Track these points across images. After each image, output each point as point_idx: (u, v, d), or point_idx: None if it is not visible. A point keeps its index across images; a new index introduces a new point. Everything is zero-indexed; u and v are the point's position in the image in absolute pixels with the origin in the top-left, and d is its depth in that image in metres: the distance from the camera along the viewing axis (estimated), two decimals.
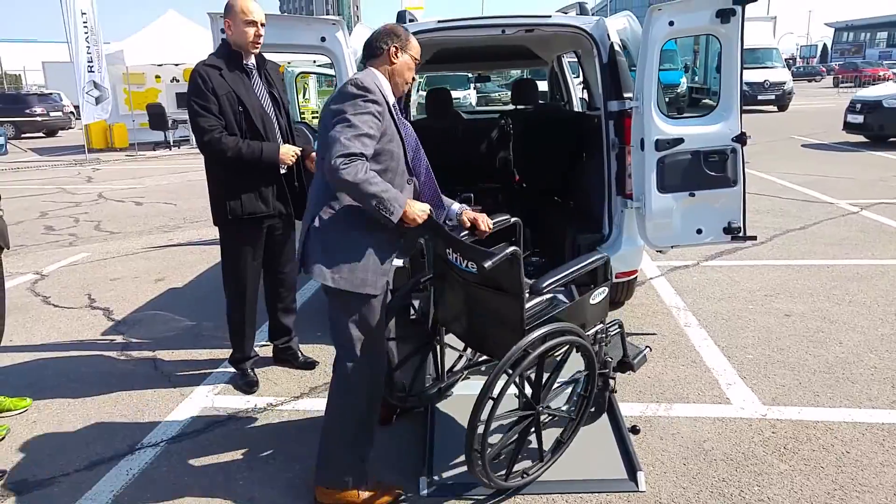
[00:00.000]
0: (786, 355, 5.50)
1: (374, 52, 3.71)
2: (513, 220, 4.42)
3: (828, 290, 6.96)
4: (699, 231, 5.60)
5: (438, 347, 4.72)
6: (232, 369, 5.39)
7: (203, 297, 7.55)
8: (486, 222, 4.09)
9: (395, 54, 3.68)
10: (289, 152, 4.87)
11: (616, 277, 5.95)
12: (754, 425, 4.46)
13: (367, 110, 3.42)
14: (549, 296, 4.08)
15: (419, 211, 3.56)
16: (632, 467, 3.83)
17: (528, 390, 3.72)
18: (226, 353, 5.54)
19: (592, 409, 4.16)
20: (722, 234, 5.62)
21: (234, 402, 5.07)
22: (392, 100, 3.69)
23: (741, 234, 5.61)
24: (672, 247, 5.78)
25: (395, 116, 3.64)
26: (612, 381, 4.25)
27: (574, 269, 3.80)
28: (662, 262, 8.03)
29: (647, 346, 4.54)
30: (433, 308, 4.68)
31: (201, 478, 4.10)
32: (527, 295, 3.61)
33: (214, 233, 5.11)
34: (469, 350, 4.99)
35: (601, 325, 4.11)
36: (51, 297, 7.81)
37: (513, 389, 3.51)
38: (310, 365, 5.58)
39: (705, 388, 5.02)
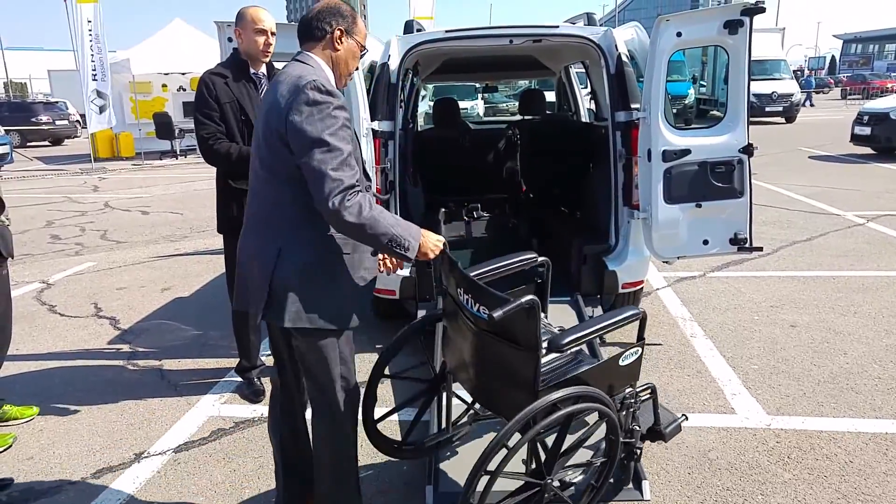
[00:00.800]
0: (790, 366, 5.50)
1: (312, 33, 3.12)
2: (540, 259, 4.01)
3: (833, 302, 6.95)
4: (706, 242, 5.59)
5: (445, 394, 4.08)
6: (238, 378, 5.39)
7: (209, 306, 7.56)
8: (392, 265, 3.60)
9: (340, 38, 3.12)
10: None
11: (622, 288, 5.95)
12: (759, 435, 4.46)
13: (339, 122, 2.90)
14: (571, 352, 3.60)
15: (433, 243, 3.18)
16: (637, 476, 3.83)
17: (541, 455, 3.27)
18: (232, 362, 5.56)
19: (612, 481, 3.66)
20: (728, 245, 5.61)
21: (241, 410, 5.07)
22: None
23: (747, 246, 5.60)
24: (678, 258, 5.77)
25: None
26: (638, 451, 3.70)
27: (604, 325, 3.33)
28: (669, 273, 8.03)
29: (683, 415, 3.92)
30: (441, 349, 4.36)
31: (207, 486, 4.11)
32: (543, 351, 3.12)
33: (220, 242, 5.13)
34: (478, 404, 4.19)
35: (631, 388, 3.59)
36: (57, 305, 7.82)
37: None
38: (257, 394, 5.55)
39: (710, 397, 5.02)
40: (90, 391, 5.48)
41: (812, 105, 42.83)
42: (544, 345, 3.12)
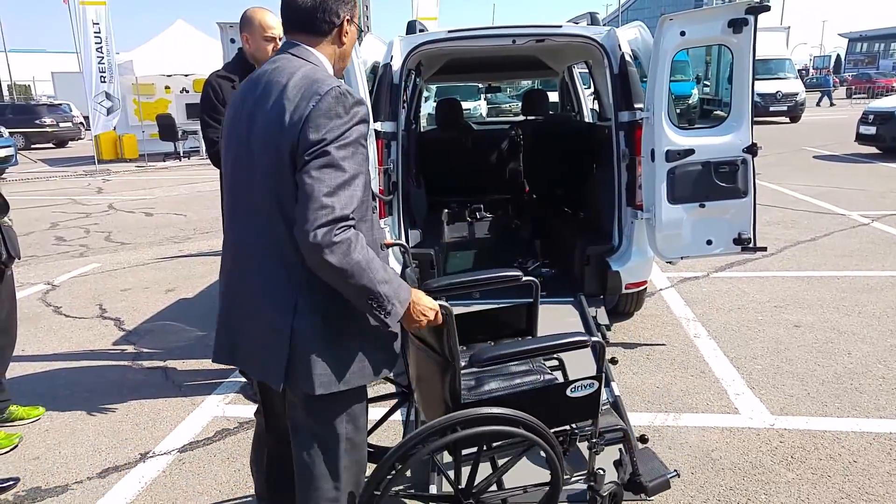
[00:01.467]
0: (794, 366, 5.49)
1: (317, 27, 2.57)
2: (525, 277, 3.65)
3: (837, 302, 6.95)
4: (709, 242, 5.59)
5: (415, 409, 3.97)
6: (242, 379, 5.40)
7: (213, 307, 7.51)
8: None
9: (348, 29, 2.63)
10: None
11: (626, 288, 5.96)
12: (762, 435, 4.47)
13: (356, 137, 2.41)
14: (524, 368, 3.37)
15: (423, 309, 2.63)
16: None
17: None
18: None
19: None
20: (732, 245, 5.61)
21: (245, 411, 5.08)
22: None
23: (751, 246, 5.60)
24: (682, 258, 5.76)
25: None
26: (603, 498, 3.27)
27: (539, 347, 3.02)
28: (672, 273, 8.03)
29: (675, 472, 3.59)
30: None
31: (212, 486, 4.12)
32: (462, 364, 2.84)
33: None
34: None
35: (591, 426, 3.14)
36: (62, 307, 7.84)
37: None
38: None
39: (714, 398, 5.02)
40: (95, 392, 5.50)
41: (832, 104, 42.07)
42: (465, 360, 2.92)
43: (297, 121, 2.35)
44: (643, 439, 4.23)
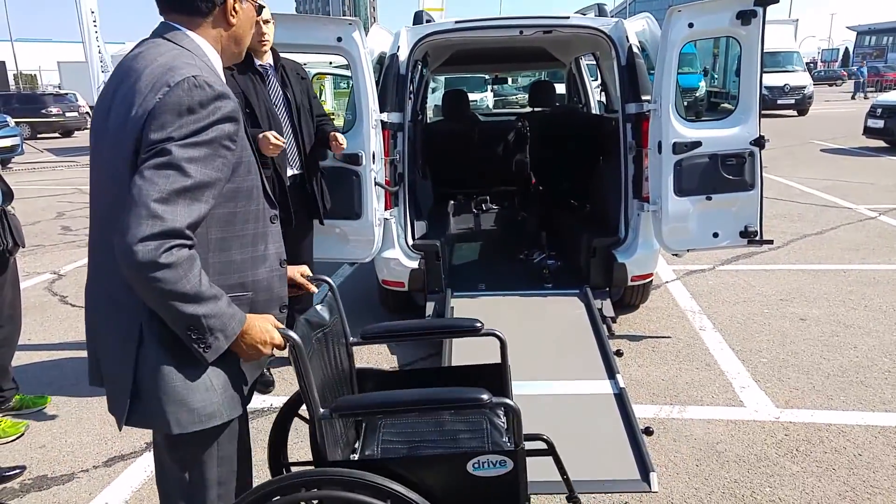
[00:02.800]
0: (800, 359, 5.49)
1: (192, 5, 2.20)
2: (487, 330, 3.00)
3: (843, 295, 6.93)
4: (715, 235, 5.59)
5: None
6: None
7: None
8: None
9: (234, 8, 2.24)
10: (266, 141, 4.44)
11: (632, 280, 5.96)
12: (767, 428, 4.46)
13: (214, 137, 2.01)
14: (468, 427, 2.94)
15: (262, 340, 2.20)
16: (644, 468, 3.82)
17: None
18: None
19: None
20: (738, 237, 5.61)
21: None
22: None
23: (758, 238, 5.59)
24: (688, 250, 5.75)
25: (245, 124, 2.26)
26: None
27: (413, 401, 2.52)
28: (678, 266, 8.02)
29: None
30: None
31: None
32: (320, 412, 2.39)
33: None
34: None
35: None
36: (68, 296, 7.86)
37: None
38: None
39: (719, 390, 5.02)
40: None
41: (866, 97, 40.76)
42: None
43: (140, 115, 1.98)
44: (648, 431, 4.24)
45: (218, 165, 2.03)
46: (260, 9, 2.40)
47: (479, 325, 2.93)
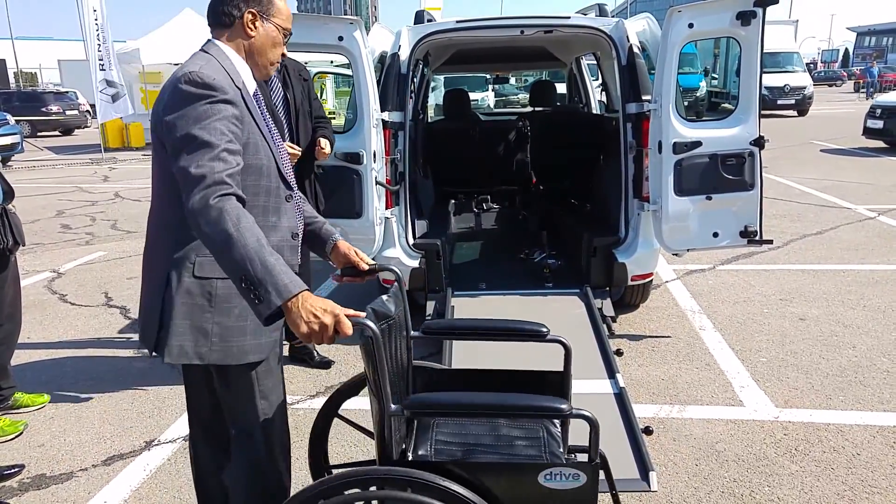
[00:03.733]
0: (799, 359, 5.49)
1: (219, 19, 2.65)
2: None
3: (843, 295, 6.94)
4: (715, 234, 5.59)
5: None
6: None
7: None
8: (364, 260, 2.99)
9: (253, 24, 2.62)
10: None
11: (632, 280, 5.96)
12: (766, 427, 4.47)
13: (217, 115, 2.38)
14: (526, 434, 2.86)
15: (323, 311, 2.17)
16: (644, 467, 3.83)
17: None
18: None
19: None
20: (738, 237, 5.61)
21: None
22: (252, 87, 2.69)
23: (757, 238, 5.60)
24: (688, 250, 5.76)
25: (255, 114, 2.62)
26: None
27: (493, 405, 2.47)
28: (678, 266, 8.02)
29: None
30: None
31: None
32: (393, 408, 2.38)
33: None
34: None
35: None
36: (67, 295, 7.86)
37: None
38: (325, 364, 5.61)
39: (719, 390, 5.02)
40: (101, 380, 5.51)
41: (871, 97, 41.01)
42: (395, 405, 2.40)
43: (161, 107, 2.45)
44: (648, 431, 4.25)
45: (231, 138, 2.38)
46: (287, 35, 2.73)
47: (544, 329, 2.89)
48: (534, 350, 3.00)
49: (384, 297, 2.72)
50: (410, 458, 2.66)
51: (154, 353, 2.68)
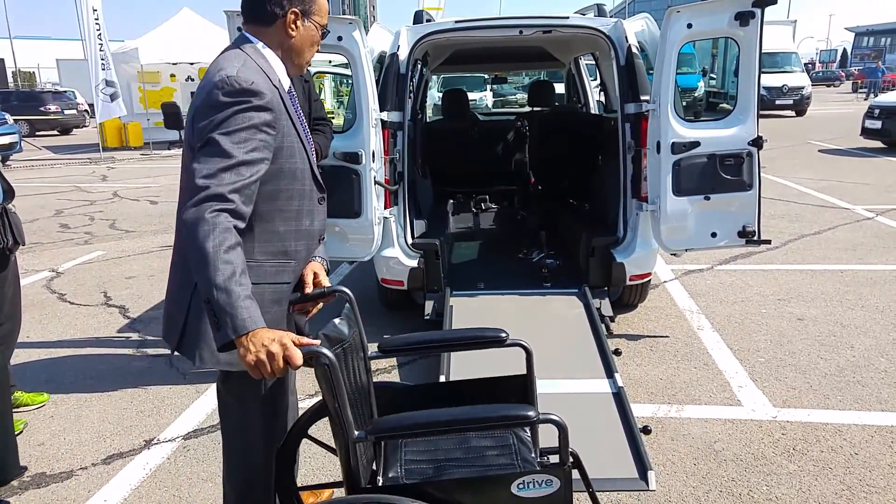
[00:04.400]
0: (797, 359, 5.50)
1: (261, 16, 2.59)
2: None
3: (841, 295, 6.95)
4: (714, 234, 5.60)
5: None
6: None
7: None
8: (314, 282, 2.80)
9: (295, 23, 2.59)
10: None
11: (630, 280, 5.97)
12: (764, 427, 4.48)
13: (247, 122, 2.36)
14: (496, 444, 2.82)
15: (266, 341, 2.14)
16: (643, 466, 3.84)
17: None
18: None
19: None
20: (736, 237, 5.62)
21: None
22: (287, 84, 2.67)
23: (756, 238, 5.60)
24: (686, 250, 5.76)
25: (291, 113, 2.61)
26: None
27: (457, 419, 2.37)
28: (676, 266, 8.03)
29: None
30: None
31: (216, 473, 4.12)
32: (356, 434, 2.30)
33: None
34: None
35: None
36: (66, 294, 7.86)
37: None
38: None
39: (717, 390, 5.03)
40: (100, 379, 5.52)
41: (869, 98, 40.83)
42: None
43: (194, 111, 2.45)
44: (646, 430, 4.26)
45: (257, 146, 2.37)
46: (324, 33, 2.71)
47: (503, 335, 2.82)
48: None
49: (336, 320, 2.60)
50: (381, 483, 2.62)
51: (176, 353, 2.70)
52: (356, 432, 2.28)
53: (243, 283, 2.19)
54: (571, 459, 2.48)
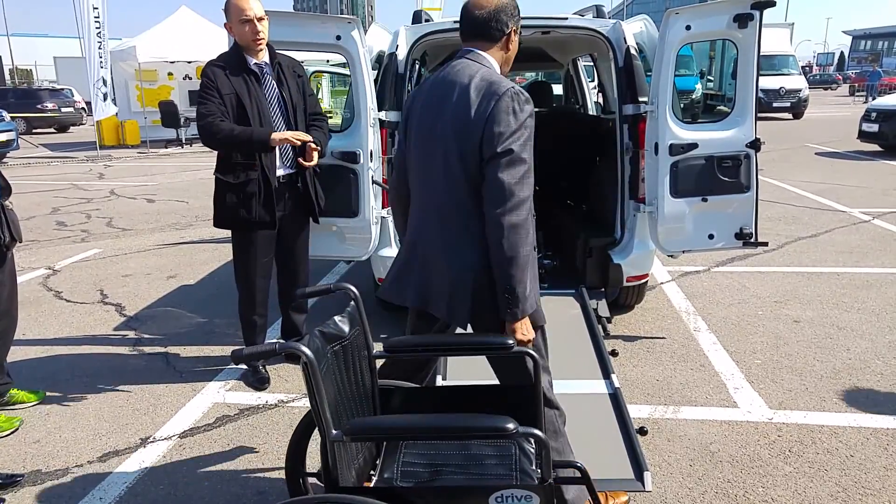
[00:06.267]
0: (793, 361, 5.51)
1: (489, 34, 2.98)
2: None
3: (837, 298, 6.96)
4: (711, 236, 5.60)
5: None
6: (243, 366, 5.41)
7: (215, 294, 7.58)
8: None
9: (512, 37, 3.04)
10: (280, 136, 4.74)
11: (627, 281, 5.97)
12: (760, 428, 4.48)
13: (528, 133, 2.84)
14: (495, 453, 2.82)
15: (530, 330, 2.93)
16: (639, 467, 3.83)
17: None
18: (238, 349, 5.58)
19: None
20: (734, 239, 5.62)
21: (245, 398, 5.10)
22: None
23: (753, 240, 5.61)
24: (683, 251, 5.77)
25: None
26: None
27: (434, 426, 2.37)
28: (673, 267, 8.04)
29: None
30: None
31: (212, 471, 4.14)
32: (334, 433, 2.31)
33: (226, 231, 5.17)
34: None
35: None
36: (63, 292, 7.85)
37: None
38: None
39: (713, 391, 5.03)
40: (96, 376, 5.51)
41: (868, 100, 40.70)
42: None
43: (481, 115, 2.77)
44: (642, 431, 4.25)
45: (531, 150, 2.82)
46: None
47: (510, 342, 2.80)
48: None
49: (337, 317, 2.63)
50: (375, 479, 2.62)
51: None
52: (334, 432, 2.28)
53: (536, 277, 2.93)
54: (579, 474, 2.58)
